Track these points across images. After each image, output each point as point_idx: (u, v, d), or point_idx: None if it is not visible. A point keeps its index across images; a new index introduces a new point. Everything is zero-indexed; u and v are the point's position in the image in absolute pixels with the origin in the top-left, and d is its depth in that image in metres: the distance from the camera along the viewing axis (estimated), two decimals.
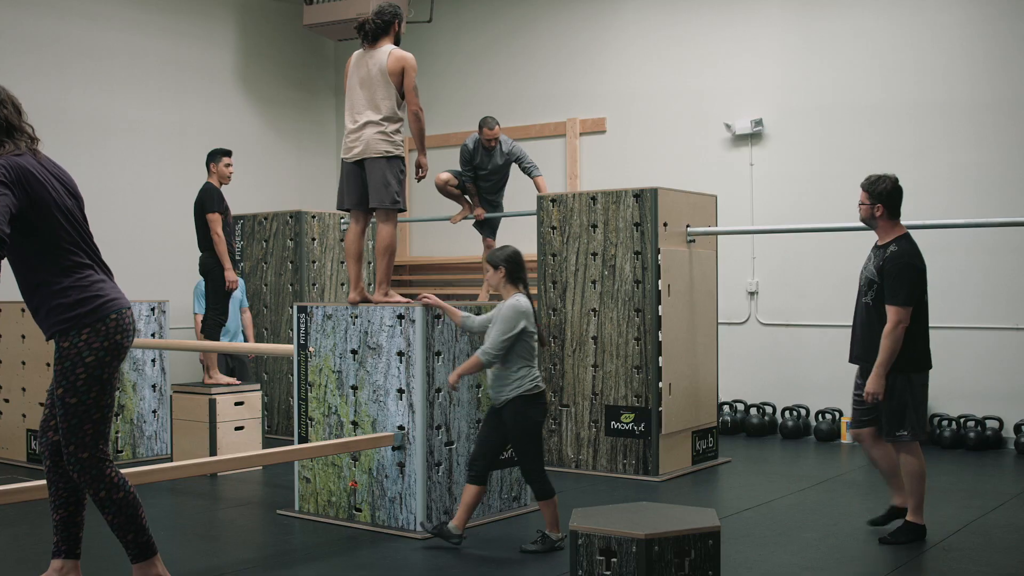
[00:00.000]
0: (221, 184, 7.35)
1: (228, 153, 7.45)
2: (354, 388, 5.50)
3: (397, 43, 5.58)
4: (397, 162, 5.47)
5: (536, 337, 4.96)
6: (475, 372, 5.09)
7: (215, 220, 7.15)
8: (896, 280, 4.89)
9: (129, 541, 3.74)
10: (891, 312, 4.88)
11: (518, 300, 4.93)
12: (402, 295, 5.78)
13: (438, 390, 5.35)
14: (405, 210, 5.57)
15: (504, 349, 4.86)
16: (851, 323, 5.28)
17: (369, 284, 8.54)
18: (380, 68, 5.42)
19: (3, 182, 3.44)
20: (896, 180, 5.09)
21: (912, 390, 4.97)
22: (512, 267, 5.00)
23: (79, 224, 3.73)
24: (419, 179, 5.71)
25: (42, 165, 3.66)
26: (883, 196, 5.05)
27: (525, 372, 4.90)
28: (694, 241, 7.15)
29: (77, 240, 3.69)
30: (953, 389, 8.02)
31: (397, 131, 5.49)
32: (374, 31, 5.51)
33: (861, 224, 7.10)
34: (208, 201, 7.18)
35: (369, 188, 5.48)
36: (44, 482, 3.92)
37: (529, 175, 7.95)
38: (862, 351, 5.13)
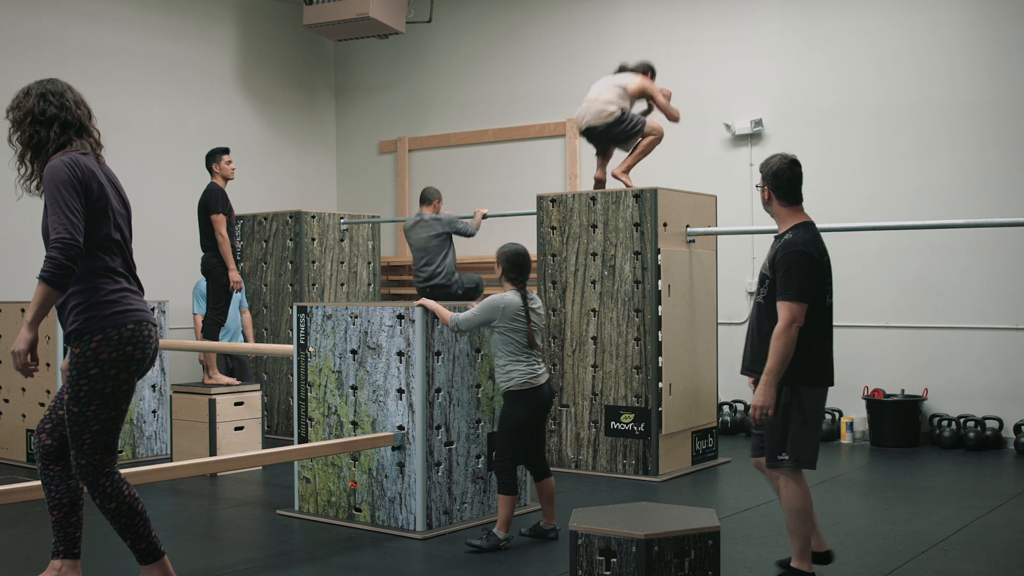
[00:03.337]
0: (226, 182, 7.37)
1: (227, 151, 7.47)
2: (354, 388, 5.50)
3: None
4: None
5: (524, 335, 5.02)
6: (441, 320, 5.23)
7: (219, 221, 7.18)
8: (787, 272, 4.08)
9: (128, 546, 3.80)
10: (782, 309, 4.07)
11: (502, 296, 5.07)
12: (401, 296, 5.77)
13: (438, 390, 5.35)
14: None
15: (469, 327, 5.11)
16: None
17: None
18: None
19: (74, 184, 3.57)
20: (789, 159, 4.25)
21: (800, 406, 4.14)
22: (508, 265, 5.12)
23: (124, 234, 3.80)
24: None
25: (103, 169, 3.79)
26: (768, 177, 4.25)
27: (512, 367, 5.01)
28: (694, 241, 7.15)
29: (118, 249, 3.76)
30: (953, 389, 8.02)
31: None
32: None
33: (861, 224, 7.06)
34: (213, 202, 7.20)
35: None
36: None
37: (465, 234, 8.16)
38: (750, 360, 4.34)
